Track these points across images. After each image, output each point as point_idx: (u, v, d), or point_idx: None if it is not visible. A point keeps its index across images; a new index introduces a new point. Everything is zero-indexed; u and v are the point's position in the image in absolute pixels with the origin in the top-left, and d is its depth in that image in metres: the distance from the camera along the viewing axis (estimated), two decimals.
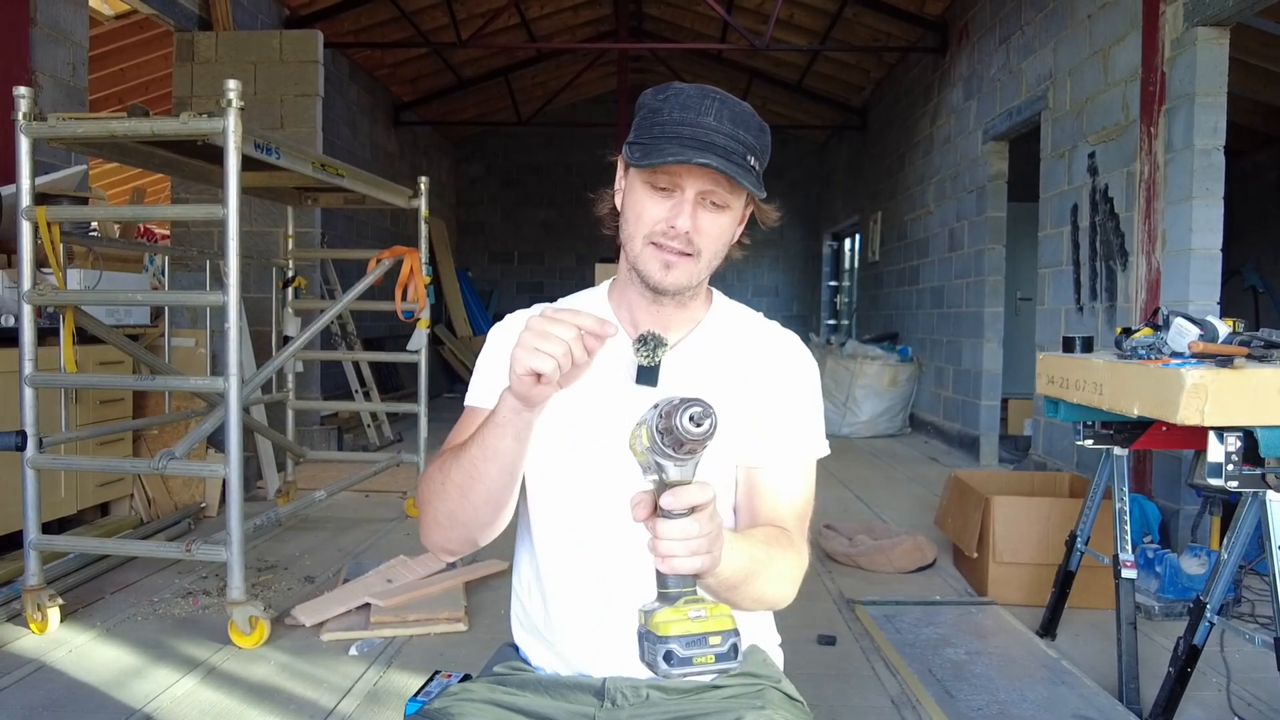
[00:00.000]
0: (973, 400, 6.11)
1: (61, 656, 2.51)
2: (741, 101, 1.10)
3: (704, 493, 0.85)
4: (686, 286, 1.12)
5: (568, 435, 1.13)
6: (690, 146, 1.03)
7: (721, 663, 0.83)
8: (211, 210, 2.53)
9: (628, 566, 1.08)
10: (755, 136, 1.08)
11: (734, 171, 1.03)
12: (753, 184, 1.06)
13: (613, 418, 1.10)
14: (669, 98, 1.08)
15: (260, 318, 4.87)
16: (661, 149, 1.03)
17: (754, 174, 1.07)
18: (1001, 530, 3.06)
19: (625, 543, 1.07)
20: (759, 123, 1.10)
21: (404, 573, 3.10)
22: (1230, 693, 2.37)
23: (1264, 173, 7.02)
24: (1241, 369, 1.83)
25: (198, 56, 5.48)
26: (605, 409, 1.12)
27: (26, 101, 2.52)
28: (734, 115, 1.06)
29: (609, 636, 1.13)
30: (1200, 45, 3.51)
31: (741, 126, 1.06)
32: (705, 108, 1.06)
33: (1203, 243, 3.56)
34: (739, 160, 1.04)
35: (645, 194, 1.08)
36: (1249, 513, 1.97)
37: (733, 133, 1.05)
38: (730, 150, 1.04)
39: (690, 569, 0.85)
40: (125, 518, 3.80)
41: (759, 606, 1.10)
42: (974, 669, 2.48)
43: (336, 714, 2.19)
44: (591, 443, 1.13)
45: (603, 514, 1.12)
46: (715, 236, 1.10)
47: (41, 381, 2.67)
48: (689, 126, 1.04)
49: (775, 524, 1.12)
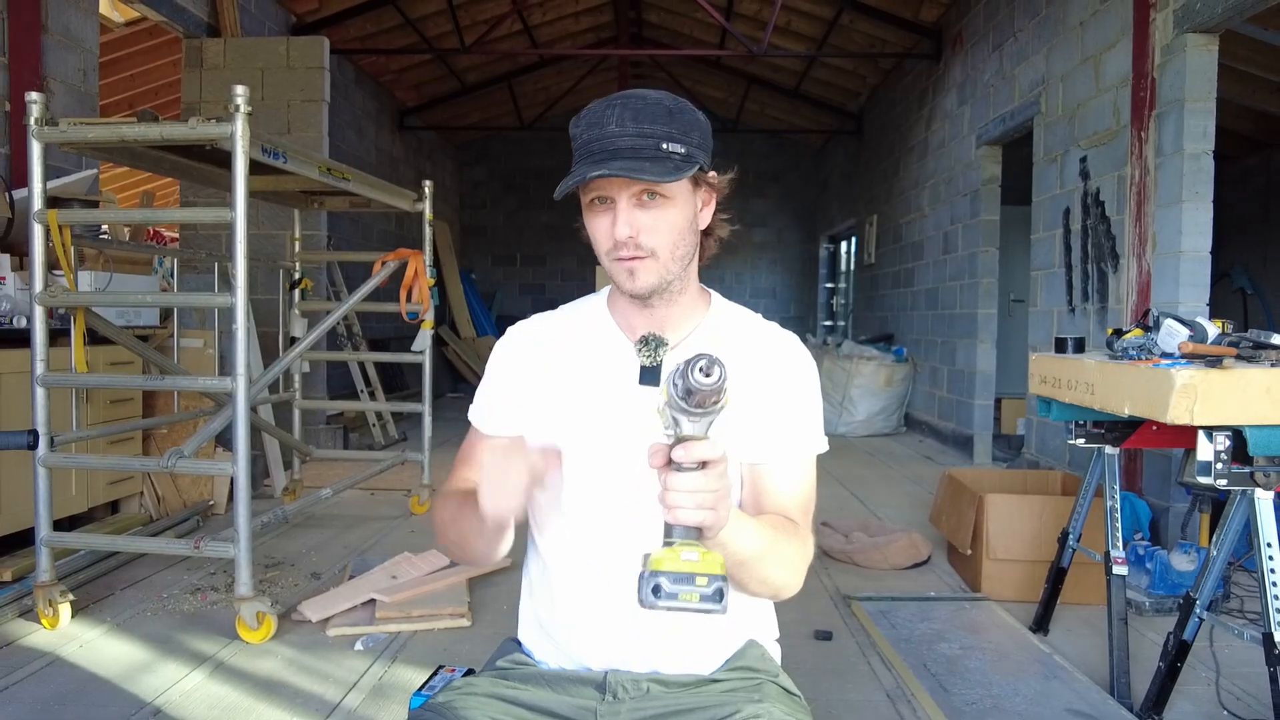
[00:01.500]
0: (966, 400, 6.11)
1: (73, 651, 2.51)
2: (651, 92, 1.09)
3: (714, 449, 0.87)
4: (659, 285, 1.12)
5: (575, 437, 1.14)
6: (594, 160, 1.05)
7: (705, 603, 0.85)
8: (220, 213, 2.53)
9: (633, 564, 1.08)
10: (666, 122, 1.06)
11: (635, 169, 1.03)
12: (664, 171, 1.04)
13: (618, 420, 1.13)
14: (580, 120, 1.10)
15: (267, 319, 4.88)
16: (574, 172, 1.07)
17: (673, 159, 1.05)
18: (995, 527, 3.06)
19: (631, 541, 1.07)
20: (669, 106, 1.08)
21: (408, 569, 3.10)
22: (1220, 687, 2.38)
23: (1252, 177, 7.02)
24: (1230, 369, 1.83)
25: (206, 63, 5.49)
26: (611, 412, 1.14)
27: (38, 107, 2.52)
28: (636, 112, 1.06)
29: (612, 630, 1.14)
30: (1190, 52, 3.51)
31: (646, 120, 1.06)
32: (607, 117, 1.07)
33: (1192, 245, 3.56)
34: (650, 154, 1.04)
35: (590, 215, 1.12)
36: (1237, 510, 1.97)
37: (636, 130, 1.05)
38: (639, 148, 1.04)
39: (694, 521, 0.87)
40: (135, 515, 3.80)
41: (765, 590, 1.11)
42: (968, 664, 2.48)
43: (342, 708, 2.19)
44: (598, 444, 1.14)
45: (609, 512, 1.13)
46: (665, 230, 1.09)
47: (53, 381, 2.67)
48: (596, 141, 1.06)
49: (792, 517, 1.14)
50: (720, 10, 7.83)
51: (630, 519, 1.12)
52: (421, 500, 4.26)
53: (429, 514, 4.23)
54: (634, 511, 1.11)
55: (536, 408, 1.18)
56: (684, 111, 1.09)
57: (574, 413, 1.15)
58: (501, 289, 11.91)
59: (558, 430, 1.15)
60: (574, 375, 1.18)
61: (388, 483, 4.74)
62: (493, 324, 10.84)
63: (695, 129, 1.09)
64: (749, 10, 7.96)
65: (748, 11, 7.99)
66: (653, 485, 0.90)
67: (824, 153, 11.35)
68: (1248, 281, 6.73)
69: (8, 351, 3.02)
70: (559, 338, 1.22)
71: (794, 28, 7.83)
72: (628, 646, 1.14)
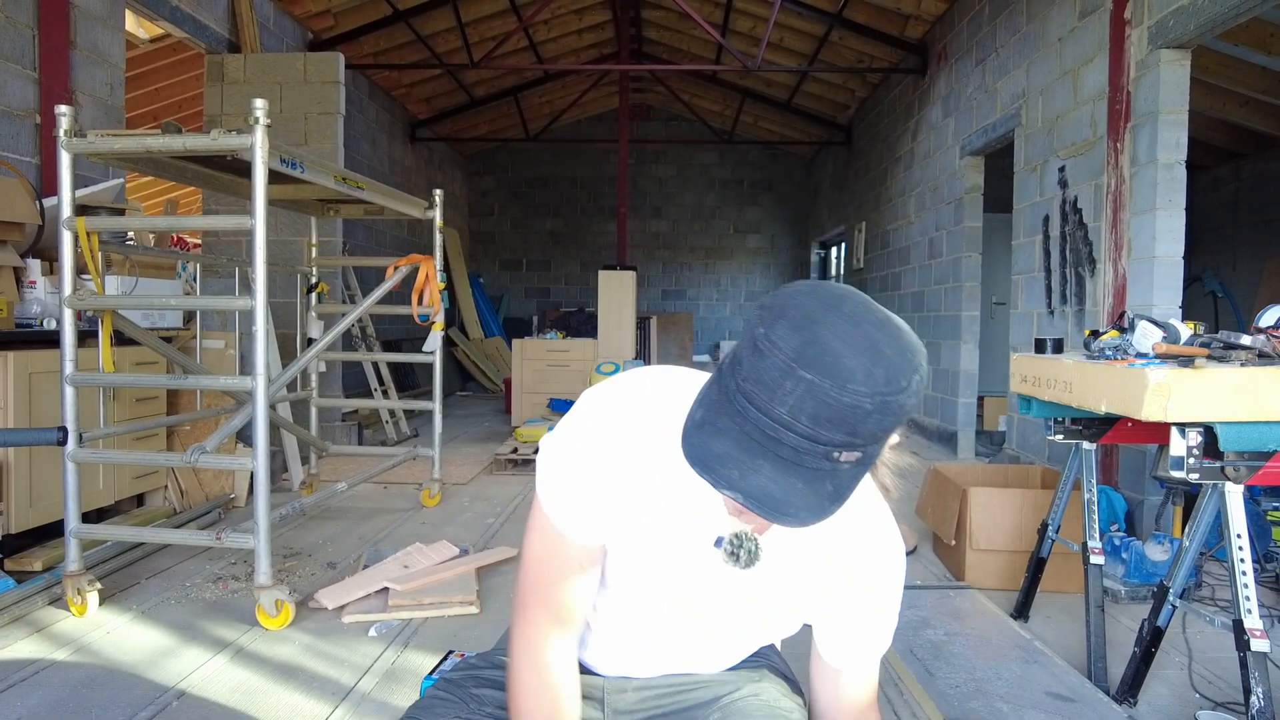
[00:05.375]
0: (951, 398, 6.10)
1: (100, 638, 2.51)
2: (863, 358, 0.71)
3: None
4: None
5: (652, 570, 1.00)
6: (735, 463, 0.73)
7: None
8: (240, 221, 2.53)
9: (684, 640, 1.08)
10: (860, 427, 0.72)
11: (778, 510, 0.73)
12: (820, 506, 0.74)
13: (695, 580, 0.99)
14: (751, 358, 0.73)
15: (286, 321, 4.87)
16: (704, 453, 0.74)
17: (835, 475, 0.74)
18: (978, 519, 3.05)
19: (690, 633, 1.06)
20: (874, 404, 0.71)
21: (420, 559, 3.10)
22: (1192, 671, 2.38)
23: (1223, 185, 7.02)
24: (1202, 369, 1.83)
25: (227, 77, 5.48)
26: (690, 568, 0.99)
27: (67, 119, 2.52)
28: (832, 416, 0.71)
29: (636, 659, 1.12)
30: (1164, 66, 3.51)
31: (837, 426, 0.71)
32: (784, 390, 0.71)
33: (1166, 251, 3.56)
34: (814, 464, 0.73)
35: None
36: (1209, 503, 1.97)
37: (810, 433, 0.71)
38: (800, 451, 0.72)
39: None
40: (159, 508, 3.80)
41: None
42: (952, 649, 2.48)
43: (357, 691, 2.19)
44: (674, 587, 1.02)
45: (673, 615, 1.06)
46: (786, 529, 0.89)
47: (81, 381, 2.67)
48: (756, 417, 0.72)
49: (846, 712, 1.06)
50: (716, 27, 7.83)
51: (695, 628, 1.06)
52: (432, 494, 4.26)
53: (438, 503, 4.23)
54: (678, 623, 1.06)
55: (613, 524, 0.97)
56: (891, 407, 0.72)
57: (648, 549, 0.99)
58: (508, 292, 11.91)
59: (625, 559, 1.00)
60: (658, 507, 0.96)
61: (400, 477, 4.74)
62: (500, 326, 10.84)
63: (897, 419, 0.74)
64: (744, 27, 7.95)
65: (743, 28, 7.98)
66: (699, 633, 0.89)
67: (815, 162, 11.34)
68: (1218, 285, 6.74)
69: (38, 352, 3.01)
70: (649, 459, 0.94)
71: (786, 44, 7.83)
72: (642, 664, 1.13)
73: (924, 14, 6.38)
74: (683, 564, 0.99)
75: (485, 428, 7.13)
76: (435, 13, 7.07)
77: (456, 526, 3.84)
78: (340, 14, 6.60)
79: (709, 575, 0.99)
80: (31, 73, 3.83)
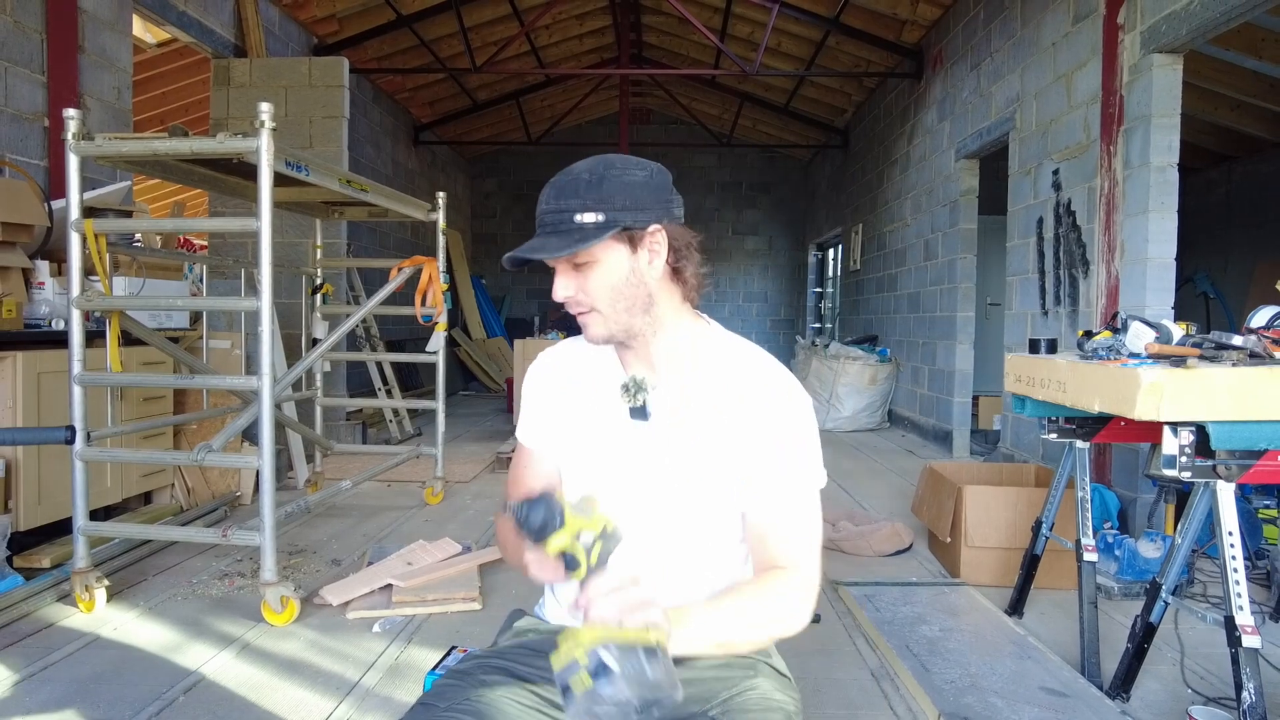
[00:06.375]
0: (946, 397, 6.10)
1: (108, 633, 2.51)
2: (580, 165, 1.09)
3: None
4: (612, 334, 1.13)
5: (577, 459, 1.22)
6: (523, 249, 1.07)
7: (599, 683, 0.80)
8: (246, 223, 2.53)
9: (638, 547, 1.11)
10: (584, 192, 1.05)
11: (538, 248, 1.05)
12: (565, 245, 1.04)
13: (612, 448, 1.18)
14: None
15: (291, 321, 4.87)
16: (512, 253, 1.09)
17: (584, 229, 1.05)
18: (973, 517, 3.05)
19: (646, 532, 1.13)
20: (587, 179, 1.06)
21: (423, 556, 3.10)
22: (1184, 667, 2.38)
23: (1215, 188, 7.02)
24: (1194, 369, 1.83)
25: (233, 81, 5.49)
26: (607, 441, 1.18)
27: (75, 123, 2.51)
28: (559, 189, 1.07)
29: None
30: (1156, 71, 3.51)
31: (566, 194, 1.06)
32: (543, 196, 1.08)
33: (1158, 252, 3.56)
34: (564, 228, 1.05)
35: None
36: (1201, 501, 1.97)
37: (555, 206, 1.06)
38: (556, 224, 1.06)
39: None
40: (166, 505, 3.80)
41: (754, 647, 1.11)
42: (948, 645, 2.48)
43: (361, 686, 2.19)
44: (594, 468, 1.19)
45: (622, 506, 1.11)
46: (597, 288, 1.10)
47: (89, 380, 2.67)
48: (536, 220, 1.09)
49: (781, 559, 1.09)
50: (715, 32, 7.83)
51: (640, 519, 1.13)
52: (435, 491, 4.26)
53: (441, 501, 4.23)
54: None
55: (553, 427, 1.24)
56: (607, 180, 1.06)
57: (578, 438, 1.21)
58: (510, 293, 11.91)
59: (564, 451, 1.22)
60: (580, 403, 1.22)
61: (404, 475, 4.74)
62: (502, 326, 10.83)
63: (621, 192, 1.05)
64: (742, 32, 7.95)
65: (741, 34, 7.98)
66: (642, 511, 0.98)
67: (812, 165, 11.35)
68: (1210, 286, 6.74)
69: (47, 352, 3.01)
70: (573, 368, 1.26)
71: (784, 49, 7.83)
72: None
73: (920, 19, 6.38)
74: (611, 435, 1.17)
75: (487, 427, 7.13)
76: (438, 18, 7.07)
77: (459, 524, 3.84)
78: (345, 19, 6.61)
79: (635, 439, 1.16)
80: (40, 77, 3.83)
